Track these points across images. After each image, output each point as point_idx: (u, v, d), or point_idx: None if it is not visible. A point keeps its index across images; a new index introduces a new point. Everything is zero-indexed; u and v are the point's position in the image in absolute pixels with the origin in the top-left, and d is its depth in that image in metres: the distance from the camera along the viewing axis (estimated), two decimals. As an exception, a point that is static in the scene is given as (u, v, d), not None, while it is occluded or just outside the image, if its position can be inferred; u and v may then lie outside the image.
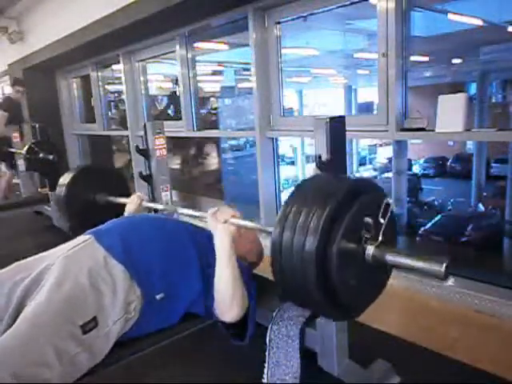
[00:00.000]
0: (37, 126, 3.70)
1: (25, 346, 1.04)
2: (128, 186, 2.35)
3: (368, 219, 1.02)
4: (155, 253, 1.37)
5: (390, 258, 1.02)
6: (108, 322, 1.18)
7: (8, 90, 6.03)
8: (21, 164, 4.29)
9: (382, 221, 1.04)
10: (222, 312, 1.37)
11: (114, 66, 4.44)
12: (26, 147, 3.71)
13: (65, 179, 2.17)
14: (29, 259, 1.36)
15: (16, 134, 4.39)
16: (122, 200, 2.04)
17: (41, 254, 1.37)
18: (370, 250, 1.02)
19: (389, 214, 1.06)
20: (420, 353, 1.74)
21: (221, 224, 1.38)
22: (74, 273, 1.21)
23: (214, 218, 1.40)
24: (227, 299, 1.35)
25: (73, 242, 1.39)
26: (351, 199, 1.00)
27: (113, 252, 1.30)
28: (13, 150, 4.40)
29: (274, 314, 1.60)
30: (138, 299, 1.27)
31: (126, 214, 1.91)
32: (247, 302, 1.40)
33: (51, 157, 3.61)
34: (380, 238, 1.03)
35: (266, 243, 1.10)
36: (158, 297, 1.31)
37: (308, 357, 1.52)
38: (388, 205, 1.06)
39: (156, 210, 2.07)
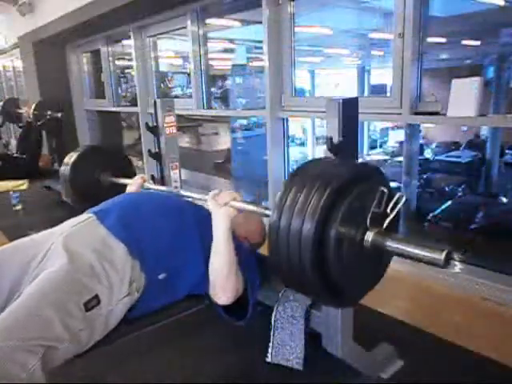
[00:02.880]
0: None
1: (33, 319, 1.05)
2: (133, 168, 2.37)
3: (371, 204, 1.01)
4: (157, 232, 1.37)
5: (389, 244, 1.00)
6: (111, 300, 1.19)
7: (18, 63, 6.01)
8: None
9: (379, 210, 1.02)
10: (214, 294, 1.38)
11: (125, 41, 4.39)
12: (34, 104, 3.70)
13: (70, 157, 2.21)
14: (35, 236, 1.36)
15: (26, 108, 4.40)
16: (125, 181, 2.04)
17: (45, 232, 1.37)
18: (370, 236, 1.01)
19: (393, 204, 1.04)
20: (424, 338, 1.75)
21: (220, 207, 1.37)
22: (76, 251, 1.21)
23: (214, 201, 1.39)
24: (220, 282, 1.36)
25: (74, 220, 1.39)
26: (352, 184, 0.98)
27: (114, 231, 1.30)
28: (21, 110, 4.42)
29: (280, 295, 1.62)
30: (140, 279, 1.28)
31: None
32: (242, 287, 1.41)
33: (59, 115, 3.59)
34: (382, 225, 1.01)
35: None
36: (160, 277, 1.32)
37: (312, 338, 1.54)
38: (384, 193, 1.04)
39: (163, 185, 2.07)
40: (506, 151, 9.34)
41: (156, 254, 1.32)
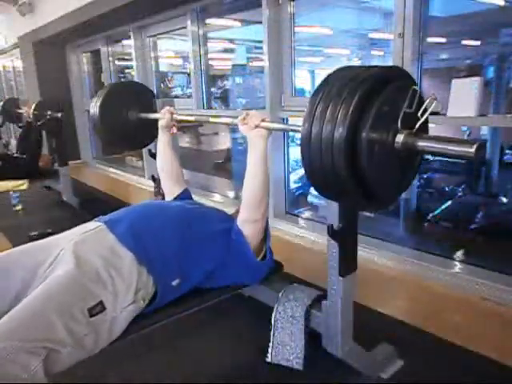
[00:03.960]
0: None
1: (36, 321, 1.05)
2: (155, 103, 2.33)
3: (400, 105, 1.01)
4: (167, 240, 1.38)
5: (420, 144, 1.02)
6: (116, 308, 1.19)
7: (18, 63, 6.01)
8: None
9: (411, 110, 1.02)
10: (252, 209, 1.46)
11: (125, 41, 4.39)
12: (34, 104, 3.70)
13: (98, 97, 2.16)
14: (46, 240, 1.38)
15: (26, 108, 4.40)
16: (154, 116, 2.03)
17: (57, 236, 1.38)
18: (400, 137, 1.02)
19: (424, 108, 1.04)
20: (424, 338, 1.75)
21: (253, 129, 1.44)
22: (84, 258, 1.22)
23: (245, 125, 1.46)
24: (258, 196, 1.45)
25: (84, 226, 1.40)
26: (380, 87, 0.98)
27: (123, 239, 1.31)
28: (21, 110, 4.42)
29: (280, 295, 1.62)
30: (147, 287, 1.29)
31: (159, 130, 1.90)
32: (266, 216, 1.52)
33: (60, 115, 3.58)
34: (412, 127, 1.02)
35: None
36: (174, 283, 1.34)
37: (312, 338, 1.54)
38: (416, 92, 1.03)
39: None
40: (506, 151, 9.34)
41: (167, 263, 1.34)
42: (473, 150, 0.93)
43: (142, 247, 1.32)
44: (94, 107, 2.12)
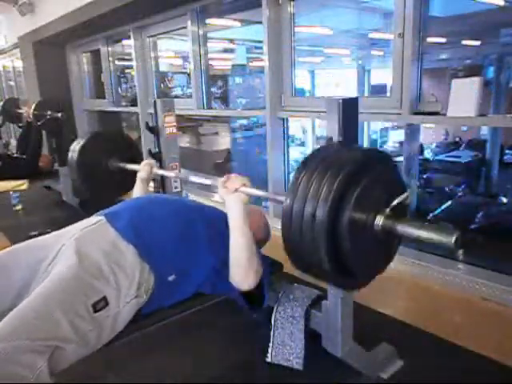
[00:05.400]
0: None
1: (41, 319, 1.05)
2: (140, 153, 2.32)
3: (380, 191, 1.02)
4: (167, 234, 1.38)
5: (400, 228, 1.02)
6: (119, 303, 1.19)
7: (18, 63, 6.02)
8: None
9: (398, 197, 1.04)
10: (239, 280, 1.38)
11: (125, 41, 4.39)
12: (34, 104, 3.70)
13: (77, 144, 2.15)
14: (46, 237, 1.37)
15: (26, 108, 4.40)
16: (133, 167, 2.03)
17: (57, 232, 1.38)
18: (380, 220, 1.03)
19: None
20: (424, 338, 1.75)
21: (231, 193, 1.38)
22: (86, 253, 1.22)
23: (224, 187, 1.40)
24: (243, 267, 1.36)
25: (85, 222, 1.40)
26: (364, 169, 1.00)
27: (123, 234, 1.31)
28: (21, 110, 4.42)
29: (280, 295, 1.62)
30: (149, 281, 1.28)
31: (137, 181, 1.91)
32: (261, 269, 1.42)
33: (60, 115, 3.58)
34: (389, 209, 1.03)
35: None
36: (170, 278, 1.32)
37: (312, 338, 1.54)
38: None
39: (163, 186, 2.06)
40: (506, 151, 9.35)
41: (165, 257, 1.33)
42: (452, 240, 0.93)
43: (142, 240, 1.31)
44: (73, 152, 2.14)
